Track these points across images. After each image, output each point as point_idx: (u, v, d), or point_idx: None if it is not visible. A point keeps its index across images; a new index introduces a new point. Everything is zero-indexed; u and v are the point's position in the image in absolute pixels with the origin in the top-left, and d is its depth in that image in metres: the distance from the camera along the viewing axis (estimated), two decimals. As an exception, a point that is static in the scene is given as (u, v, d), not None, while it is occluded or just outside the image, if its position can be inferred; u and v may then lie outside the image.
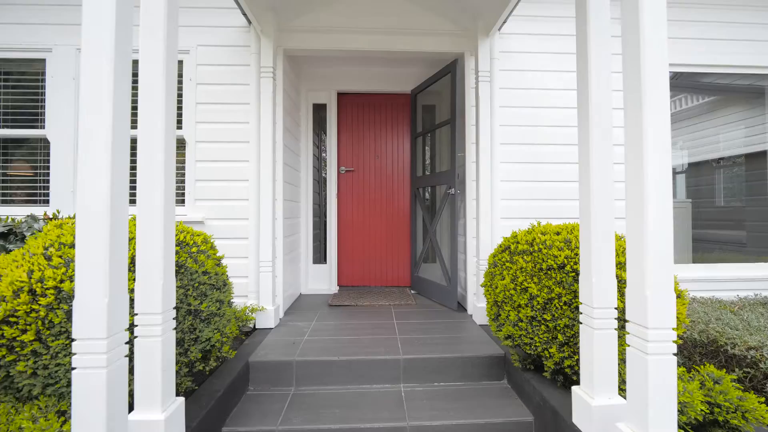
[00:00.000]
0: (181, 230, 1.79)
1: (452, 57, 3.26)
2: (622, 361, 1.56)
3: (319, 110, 4.10)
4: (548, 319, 1.64)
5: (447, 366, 2.22)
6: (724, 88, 3.95)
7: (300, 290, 3.91)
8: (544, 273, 1.70)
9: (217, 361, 1.90)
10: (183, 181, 3.06)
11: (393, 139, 4.23)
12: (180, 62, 3.07)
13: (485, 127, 2.94)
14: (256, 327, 2.80)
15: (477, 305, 2.90)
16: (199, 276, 1.67)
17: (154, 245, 1.30)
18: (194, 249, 1.71)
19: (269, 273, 2.84)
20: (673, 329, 1.15)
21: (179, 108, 3.05)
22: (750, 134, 4.20)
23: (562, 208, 3.15)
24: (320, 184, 4.16)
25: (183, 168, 3.06)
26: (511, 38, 3.22)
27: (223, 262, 2.94)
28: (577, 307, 1.60)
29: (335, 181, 4.05)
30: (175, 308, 1.46)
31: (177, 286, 1.55)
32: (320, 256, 4.13)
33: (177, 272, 1.59)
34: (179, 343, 1.56)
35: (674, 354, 1.16)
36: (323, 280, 4.01)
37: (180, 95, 3.06)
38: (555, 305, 1.64)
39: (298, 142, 3.84)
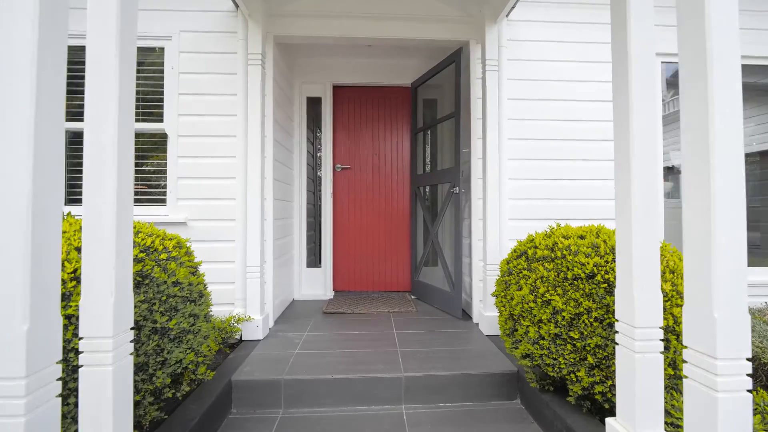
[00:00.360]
0: (150, 233, 1.55)
1: (456, 45, 3.03)
2: (668, 388, 1.33)
3: (314, 105, 3.85)
4: (576, 337, 1.41)
5: (453, 384, 1.99)
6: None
7: (293, 296, 3.67)
8: (569, 283, 1.47)
9: (191, 385, 1.65)
10: (164, 179, 2.81)
11: (392, 135, 3.99)
12: (161, 49, 2.82)
13: (493, 121, 2.71)
14: (243, 339, 2.56)
15: (484, 314, 2.67)
16: (168, 288, 1.42)
17: (104, 254, 1.05)
18: (164, 256, 1.46)
19: (257, 279, 2.59)
20: (747, 359, 0.93)
21: (159, 99, 2.80)
22: (761, 131, 4.01)
23: (576, 208, 2.93)
24: (315, 183, 3.92)
25: (164, 165, 2.81)
26: (520, 25, 2.99)
27: (208, 267, 2.70)
28: (610, 324, 1.37)
29: (330, 179, 3.80)
30: (135, 328, 1.22)
31: (139, 301, 1.30)
32: (315, 259, 3.89)
33: (140, 284, 1.35)
34: (142, 368, 1.31)
35: (749, 390, 0.93)
36: (318, 284, 3.76)
37: (160, 85, 2.81)
38: (584, 321, 1.41)
39: (290, 137, 3.59)
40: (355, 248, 4.01)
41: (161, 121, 2.80)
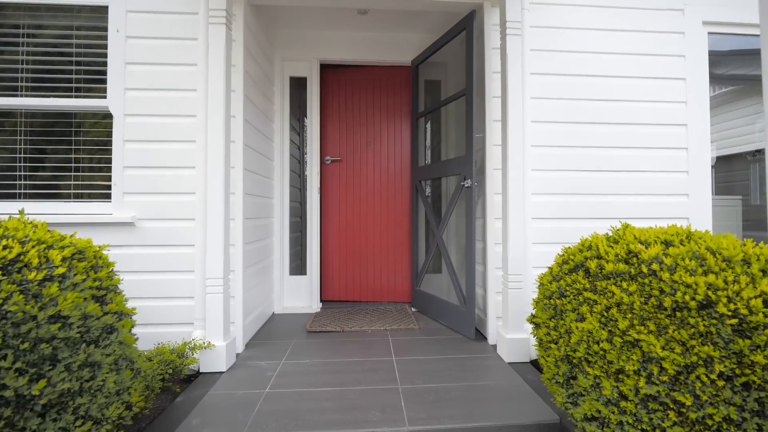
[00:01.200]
0: (26, 238, 1.01)
1: (467, 9, 2.51)
2: None
3: (300, 89, 3.31)
4: (686, 403, 0.90)
5: (475, 440, 1.47)
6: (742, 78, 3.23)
7: (273, 308, 3.13)
8: (668, 315, 0.96)
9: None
10: (107, 169, 2.26)
11: (389, 121, 3.47)
12: (103, 8, 2.27)
13: (516, 98, 2.20)
14: (201, 371, 2.02)
15: (505, 335, 2.15)
16: (36, 329, 0.88)
17: None
18: (34, 275, 0.93)
19: (219, 294, 2.05)
20: None
21: (102, 71, 2.25)
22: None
23: (614, 205, 2.42)
24: (302, 177, 3.38)
25: (108, 150, 2.26)
26: (543, -14, 2.48)
27: (161, 278, 2.17)
28: (746, 385, 0.86)
29: (318, 172, 3.26)
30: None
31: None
32: (300, 265, 3.35)
33: (-20, 324, 0.81)
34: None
35: None
36: (302, 295, 3.22)
37: (103, 54, 2.25)
38: (699, 378, 0.90)
39: (269, 123, 3.05)
40: (346, 252, 3.48)
41: (104, 97, 2.24)
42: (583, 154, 2.41)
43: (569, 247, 1.38)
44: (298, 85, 3.33)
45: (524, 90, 2.27)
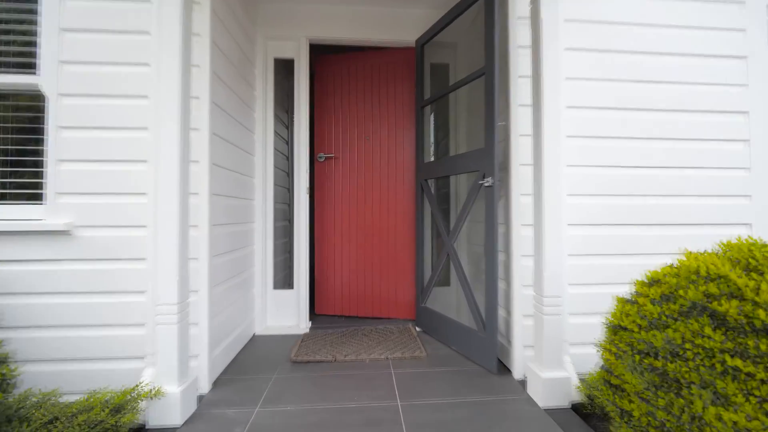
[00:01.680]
0: None
1: (487, -29, 2.08)
2: None
3: (287, 73, 2.86)
4: None
5: None
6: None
7: (253, 329, 2.66)
8: None
9: None
10: (39, 163, 1.79)
11: (389, 112, 3.02)
12: (33, -39, 1.80)
13: (551, 74, 1.77)
14: (149, 426, 1.55)
15: (539, 373, 1.71)
16: None
17: None
18: None
19: (173, 326, 1.59)
20: None
21: (30, 42, 1.78)
22: None
23: (659, 209, 2.00)
24: (291, 176, 2.92)
25: (38, 139, 1.79)
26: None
27: (104, 301, 1.71)
28: None
29: (306, 170, 2.81)
30: None
31: None
32: (287, 276, 2.90)
33: None
34: None
35: None
36: (289, 312, 2.76)
37: (32, 20, 1.79)
38: None
39: (249, 111, 2.59)
40: (342, 260, 3.03)
41: (33, 72, 1.78)
42: (624, 147, 1.98)
43: (660, 270, 0.94)
44: (285, 70, 2.87)
45: (560, 67, 1.83)
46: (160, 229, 1.60)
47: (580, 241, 1.91)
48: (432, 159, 2.95)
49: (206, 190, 1.82)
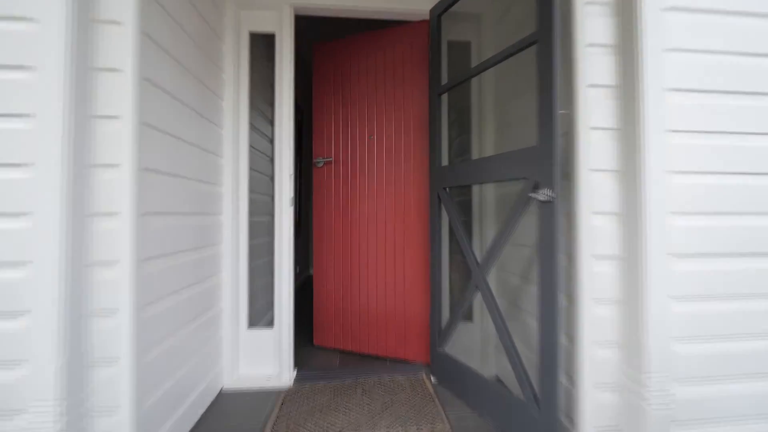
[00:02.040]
0: None
1: None
2: None
3: (269, 52, 2.26)
4: None
5: None
6: None
7: (221, 381, 2.05)
8: None
9: None
10: None
11: (396, 104, 2.43)
12: None
13: (651, 42, 1.18)
14: None
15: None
16: None
17: None
18: None
19: (55, 439, 0.98)
20: None
21: None
22: None
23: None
24: (275, 182, 2.31)
25: None
26: None
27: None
28: None
29: (290, 175, 2.20)
30: None
31: None
32: (265, 308, 2.29)
33: None
34: None
35: None
36: (268, 357, 2.15)
37: None
38: None
39: (217, 100, 1.98)
40: (341, 286, 2.43)
41: None
42: (744, 146, 1.40)
43: None
44: (267, 48, 2.27)
45: (660, 32, 1.25)
46: (37, 271, 0.98)
47: (692, 279, 1.32)
48: (453, 161, 2.36)
49: (130, 207, 1.21)
